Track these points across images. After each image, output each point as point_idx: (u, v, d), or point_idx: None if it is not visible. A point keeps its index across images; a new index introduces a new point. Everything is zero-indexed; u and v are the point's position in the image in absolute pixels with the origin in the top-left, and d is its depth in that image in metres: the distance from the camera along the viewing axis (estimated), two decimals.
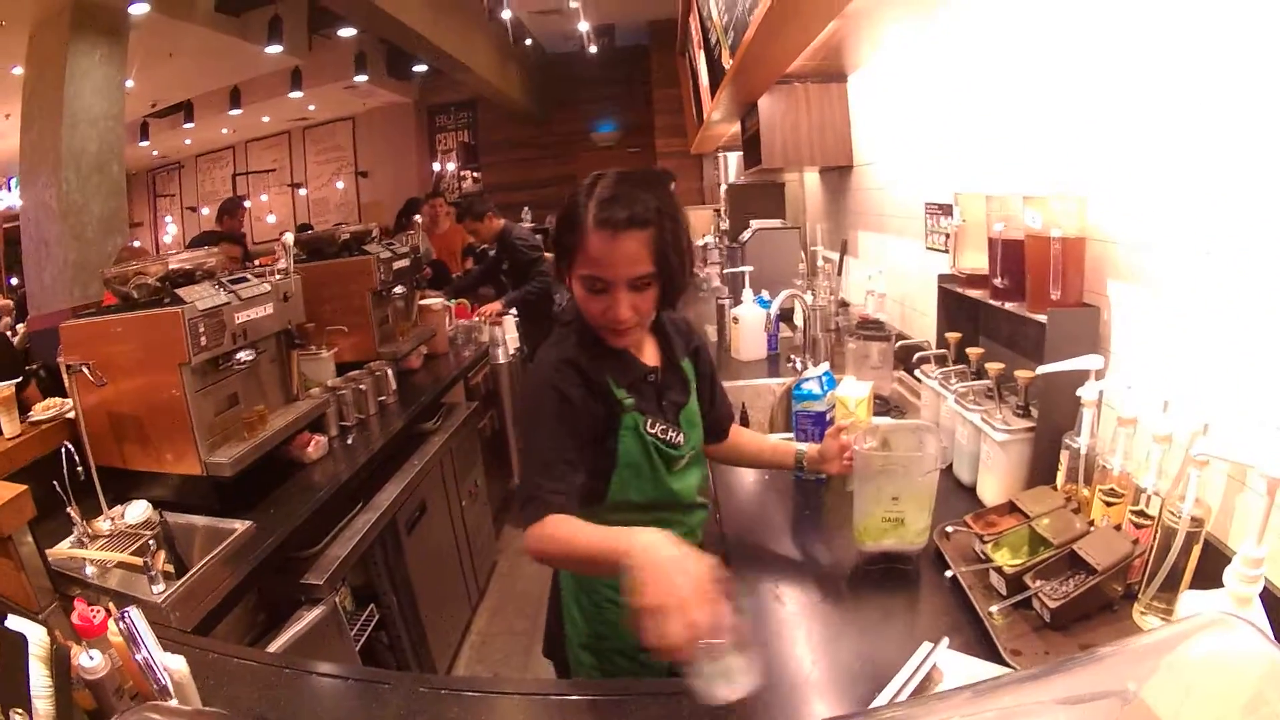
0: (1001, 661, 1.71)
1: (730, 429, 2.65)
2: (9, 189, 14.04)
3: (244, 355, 3.22)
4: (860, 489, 2.20)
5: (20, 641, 1.57)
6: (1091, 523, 1.96)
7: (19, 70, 8.18)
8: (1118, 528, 1.90)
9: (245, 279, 3.34)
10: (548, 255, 7.22)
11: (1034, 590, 1.82)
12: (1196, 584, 1.68)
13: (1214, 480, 1.84)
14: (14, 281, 12.94)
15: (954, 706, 1.08)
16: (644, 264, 1.96)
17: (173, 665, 1.68)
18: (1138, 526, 1.86)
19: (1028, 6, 2.70)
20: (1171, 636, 1.12)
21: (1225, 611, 1.45)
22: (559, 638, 2.42)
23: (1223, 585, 1.53)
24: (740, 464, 2.87)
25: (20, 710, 1.48)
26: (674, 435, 2.20)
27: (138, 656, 1.61)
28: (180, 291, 2.99)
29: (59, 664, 1.60)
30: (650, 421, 2.15)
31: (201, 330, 2.95)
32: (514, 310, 7.03)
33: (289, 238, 3.84)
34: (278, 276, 3.53)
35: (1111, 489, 1.97)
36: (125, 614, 1.63)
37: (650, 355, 2.28)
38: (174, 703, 1.63)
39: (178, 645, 1.83)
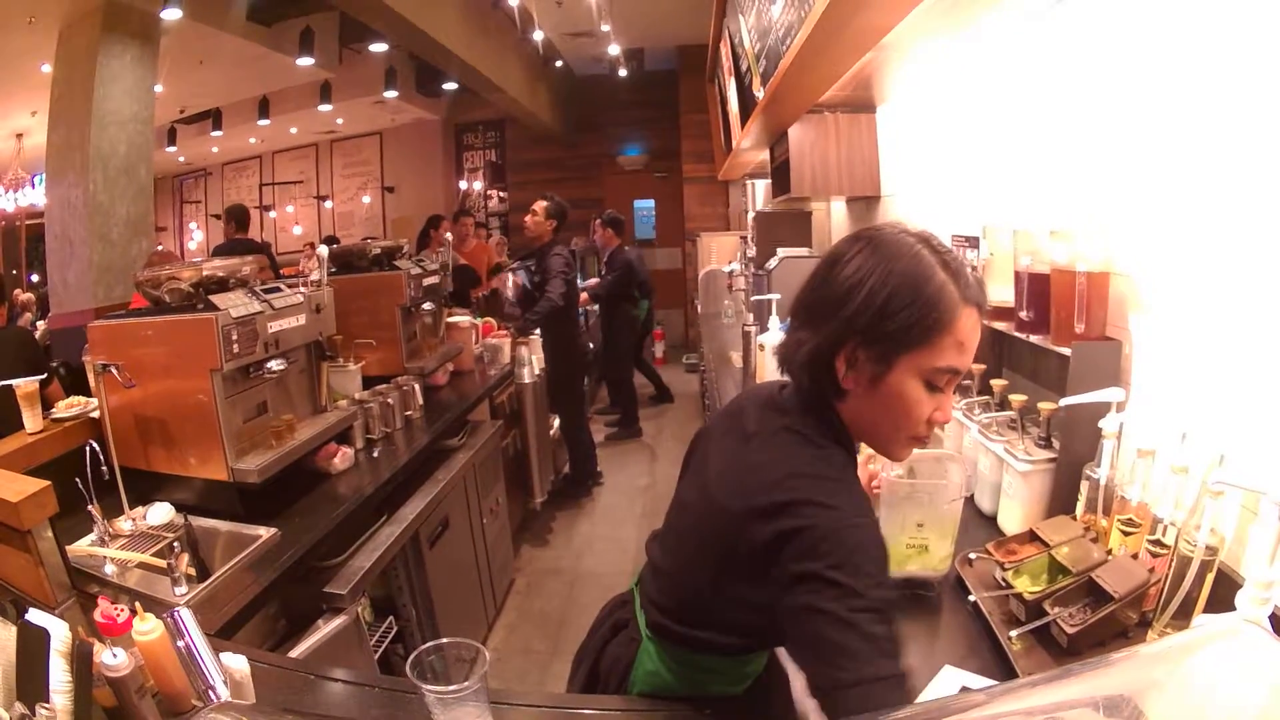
0: (1015, 677, 1.73)
1: None
2: (33, 185, 14.09)
3: (275, 365, 3.24)
4: (886, 516, 2.18)
5: (43, 636, 1.60)
6: (1109, 552, 1.98)
7: (47, 68, 8.23)
8: (1135, 557, 1.92)
9: (279, 289, 3.36)
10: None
11: (1053, 616, 1.84)
12: (1210, 611, 1.70)
13: (1228, 511, 1.85)
14: (34, 278, 13.01)
15: (963, 710, 1.10)
16: None
17: (234, 665, 1.71)
18: (1154, 555, 1.88)
19: (1055, 43, 2.72)
20: (1186, 643, 1.14)
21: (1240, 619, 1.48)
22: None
23: (1234, 610, 1.56)
24: None
25: (46, 705, 1.51)
26: None
27: (180, 648, 1.63)
28: (214, 298, 3.01)
29: (81, 661, 1.62)
30: None
31: (234, 338, 2.98)
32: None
33: (324, 250, 3.87)
34: (310, 288, 3.56)
35: (1130, 519, 1.99)
36: (174, 613, 1.66)
37: None
38: (227, 697, 1.66)
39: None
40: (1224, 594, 1.65)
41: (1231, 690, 0.98)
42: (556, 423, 7.34)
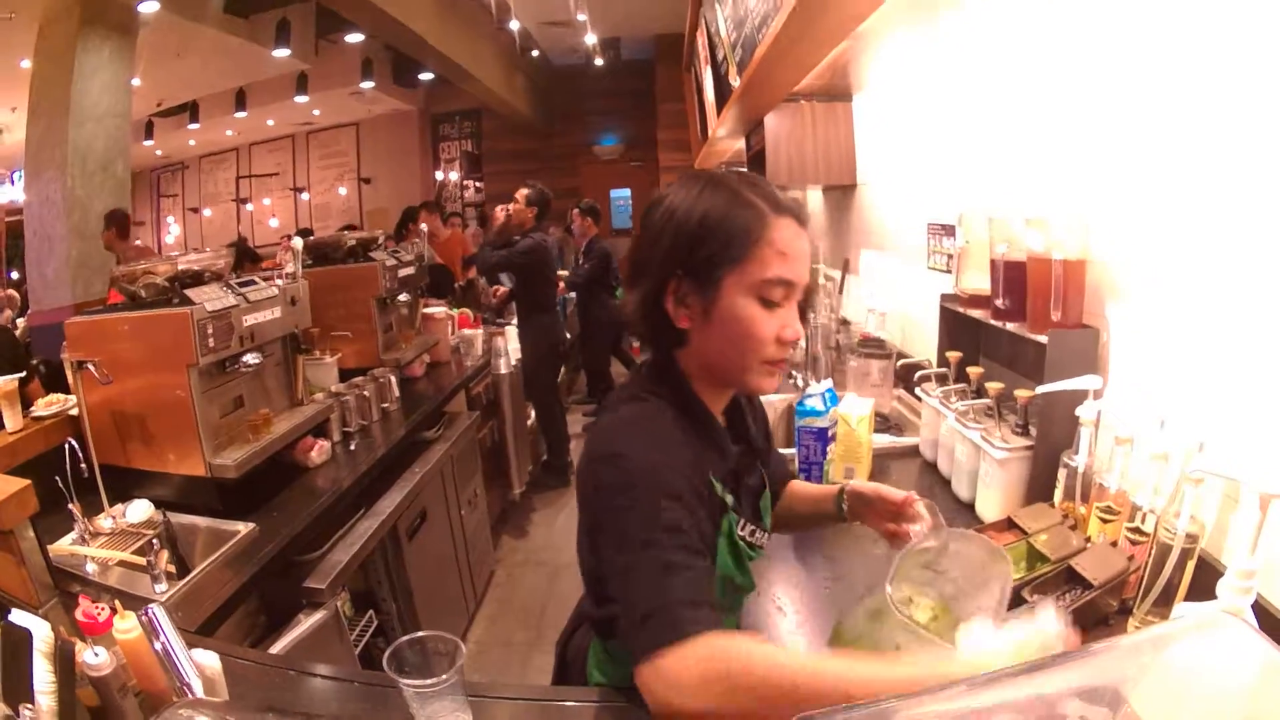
0: None
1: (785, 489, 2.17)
2: (13, 182, 14.05)
3: (251, 358, 3.23)
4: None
5: (25, 637, 1.59)
6: (1088, 539, 1.98)
7: (27, 64, 8.17)
8: (1114, 544, 1.93)
9: (253, 282, 3.35)
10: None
11: (1031, 604, 1.84)
12: (1191, 599, 1.70)
13: (1208, 498, 1.86)
14: (14, 275, 12.96)
15: (946, 699, 1.09)
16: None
17: (206, 661, 1.70)
18: (1133, 543, 1.88)
19: (1032, 31, 2.73)
20: (1167, 634, 1.14)
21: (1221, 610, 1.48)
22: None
23: (1215, 598, 1.56)
24: (790, 531, 2.36)
25: (29, 705, 1.50)
26: (759, 535, 1.81)
27: (156, 648, 1.62)
28: (189, 292, 3.00)
29: (63, 660, 1.61)
30: (741, 522, 1.73)
31: (210, 332, 2.96)
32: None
33: (298, 242, 3.86)
34: (285, 280, 3.54)
35: (1108, 506, 2.00)
36: (149, 610, 1.65)
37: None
38: (200, 694, 1.65)
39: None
40: (1205, 581, 1.66)
41: (1213, 680, 0.99)
42: (534, 413, 7.37)
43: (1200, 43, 1.91)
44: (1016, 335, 2.55)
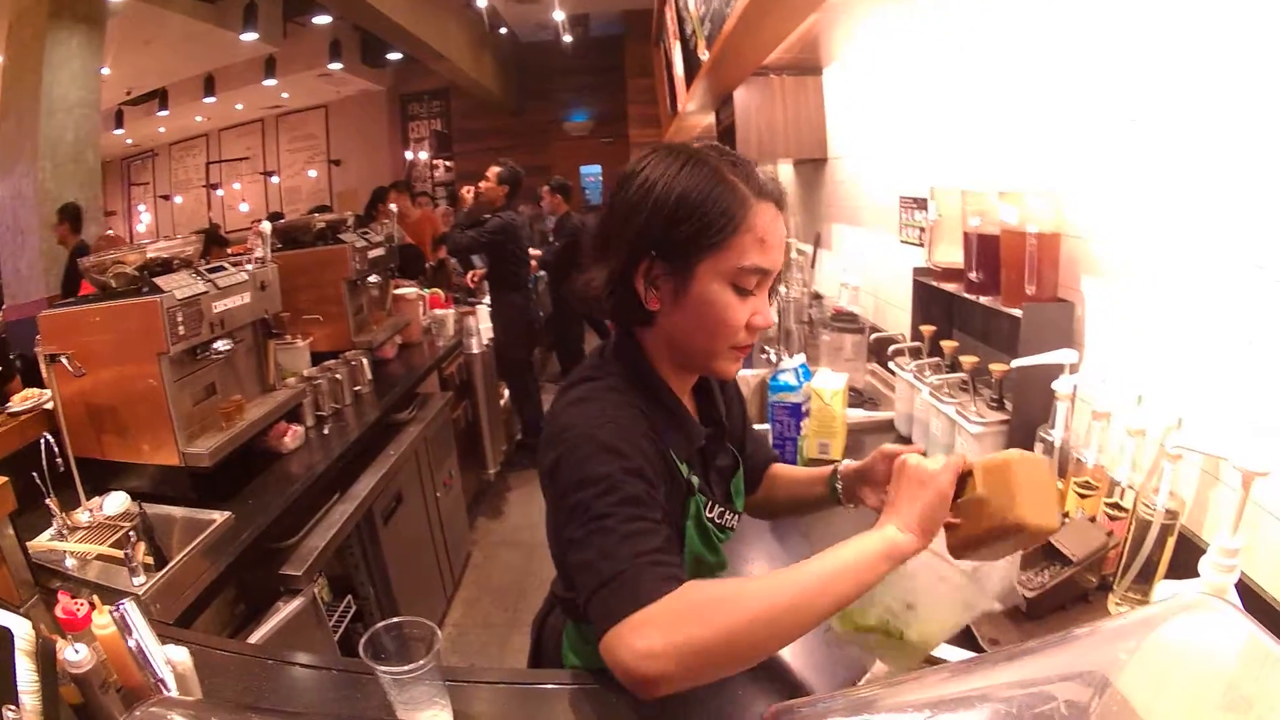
0: (980, 651, 1.72)
1: (766, 473, 2.12)
2: None
3: (222, 345, 3.20)
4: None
5: (6, 636, 1.57)
6: (1066, 515, 1.98)
7: None
8: (1092, 520, 1.92)
9: (223, 268, 3.31)
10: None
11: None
12: (1171, 575, 1.71)
13: (1188, 474, 1.87)
14: None
15: (930, 685, 1.09)
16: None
17: (176, 657, 1.68)
18: (1112, 519, 1.88)
19: (1004, 2, 2.72)
20: (1151, 617, 1.14)
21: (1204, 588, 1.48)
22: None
23: (1197, 576, 1.56)
24: (776, 516, 2.26)
25: (12, 707, 1.48)
26: (729, 518, 1.78)
27: (130, 645, 1.61)
28: (158, 281, 2.97)
29: (45, 658, 1.59)
30: (709, 504, 1.71)
31: (180, 320, 2.93)
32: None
33: (267, 226, 3.83)
34: (255, 265, 3.51)
35: (1086, 481, 2.00)
36: (120, 606, 1.63)
37: (691, 409, 1.79)
38: (175, 693, 1.64)
39: (162, 638, 1.83)
40: (1186, 558, 1.66)
41: (1199, 662, 0.99)
42: (507, 392, 7.40)
43: (1175, 17, 1.90)
44: (990, 309, 2.56)
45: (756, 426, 2.26)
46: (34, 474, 2.65)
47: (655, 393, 1.64)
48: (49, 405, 3.12)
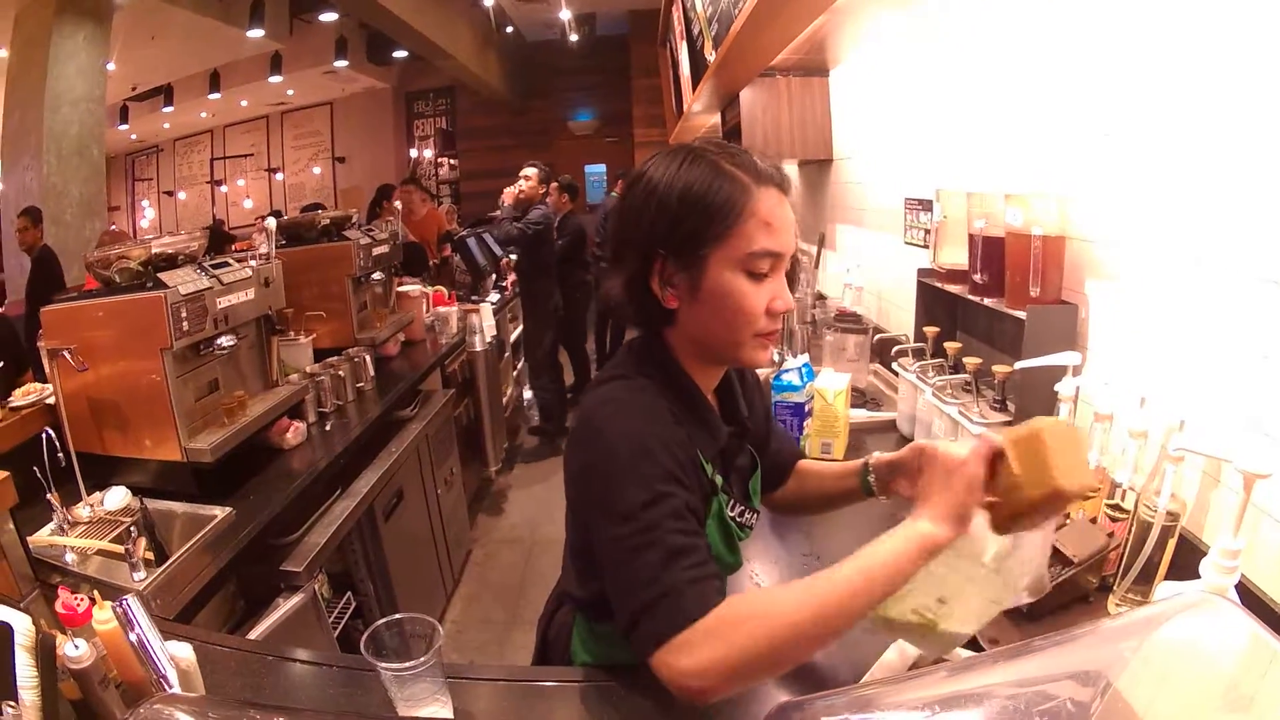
0: (979, 651, 1.72)
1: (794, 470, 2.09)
2: None
3: (225, 341, 3.21)
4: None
5: (6, 631, 1.56)
6: (1067, 516, 1.98)
7: (3, 53, 8.13)
8: (1093, 521, 1.92)
9: (227, 264, 3.31)
10: None
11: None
12: (1171, 577, 1.71)
13: (1189, 476, 1.86)
14: None
15: (931, 684, 1.09)
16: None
17: (180, 653, 1.68)
18: (1113, 520, 1.88)
19: (1012, 5, 2.72)
20: (1154, 615, 1.14)
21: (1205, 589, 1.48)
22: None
23: (1197, 577, 1.56)
24: (807, 512, 2.26)
25: (11, 703, 1.48)
26: (750, 516, 1.79)
27: (131, 640, 1.61)
28: (163, 276, 2.96)
29: (44, 654, 1.58)
30: (731, 502, 1.70)
31: (184, 315, 2.93)
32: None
33: (271, 223, 3.83)
34: (259, 261, 3.51)
35: None
36: (123, 602, 1.63)
37: (715, 408, 1.76)
38: (177, 689, 1.63)
39: (163, 634, 1.83)
40: (1186, 560, 1.66)
41: (1200, 661, 0.98)
42: (509, 390, 7.47)
43: (1181, 20, 1.90)
44: (994, 310, 2.56)
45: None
46: (35, 468, 2.65)
47: (683, 393, 1.64)
48: (50, 400, 3.12)
